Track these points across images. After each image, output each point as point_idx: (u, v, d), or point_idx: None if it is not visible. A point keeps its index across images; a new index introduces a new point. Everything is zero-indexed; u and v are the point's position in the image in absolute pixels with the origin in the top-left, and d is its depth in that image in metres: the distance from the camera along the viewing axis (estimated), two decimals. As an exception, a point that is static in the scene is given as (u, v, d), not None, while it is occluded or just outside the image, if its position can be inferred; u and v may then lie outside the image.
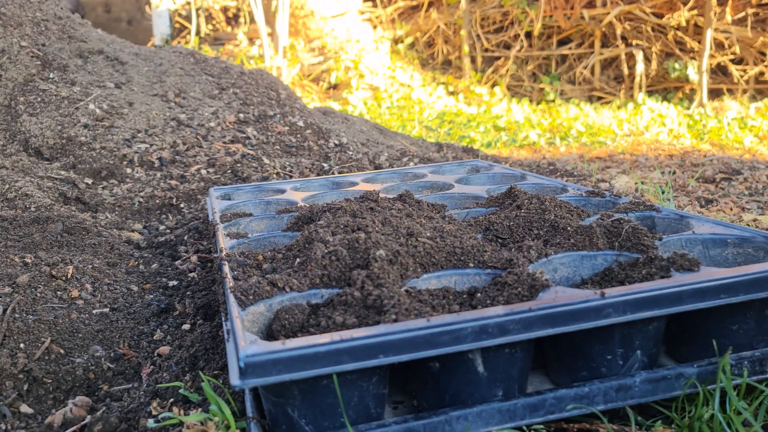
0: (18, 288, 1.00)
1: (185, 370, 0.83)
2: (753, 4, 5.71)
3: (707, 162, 2.74)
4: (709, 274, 0.67)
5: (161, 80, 2.26)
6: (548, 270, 0.78)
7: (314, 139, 2.12)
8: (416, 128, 4.51)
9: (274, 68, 6.22)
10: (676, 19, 5.89)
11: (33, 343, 0.87)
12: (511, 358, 0.62)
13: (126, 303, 1.07)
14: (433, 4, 7.34)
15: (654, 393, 0.65)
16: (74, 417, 0.76)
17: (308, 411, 0.58)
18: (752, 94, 5.86)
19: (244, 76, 2.49)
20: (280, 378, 0.54)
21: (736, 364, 0.67)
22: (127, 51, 2.41)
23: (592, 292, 0.62)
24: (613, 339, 0.65)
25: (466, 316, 0.58)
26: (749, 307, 0.68)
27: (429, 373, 0.62)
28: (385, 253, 0.73)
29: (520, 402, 0.62)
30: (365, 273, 0.70)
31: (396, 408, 0.67)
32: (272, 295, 0.70)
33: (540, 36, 6.75)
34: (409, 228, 0.84)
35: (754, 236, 0.81)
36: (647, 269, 0.72)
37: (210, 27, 7.49)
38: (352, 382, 0.59)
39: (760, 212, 1.76)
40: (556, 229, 0.85)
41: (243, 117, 2.14)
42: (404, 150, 2.39)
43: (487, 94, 6.53)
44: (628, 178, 2.35)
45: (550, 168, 2.48)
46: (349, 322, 0.62)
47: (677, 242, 0.83)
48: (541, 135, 4.11)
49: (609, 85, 6.45)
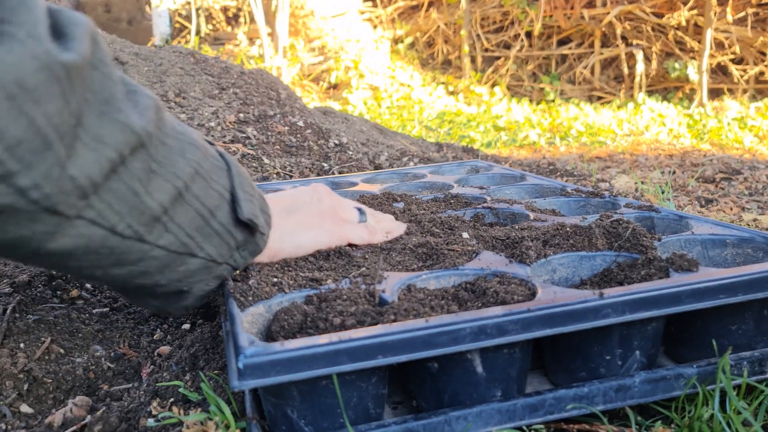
0: (18, 288, 1.00)
1: (185, 370, 0.84)
2: (753, 4, 5.71)
3: (707, 162, 2.74)
4: (708, 274, 0.67)
5: (161, 80, 2.26)
6: (547, 270, 0.78)
7: (314, 138, 2.13)
8: (416, 128, 4.51)
9: (274, 68, 6.22)
10: (676, 19, 5.89)
11: (33, 343, 0.87)
12: (509, 358, 0.62)
13: (126, 302, 1.07)
14: (433, 4, 7.34)
15: (653, 393, 0.65)
16: (74, 417, 0.76)
17: (308, 411, 0.59)
18: (752, 93, 5.86)
19: (244, 76, 2.49)
20: (279, 379, 0.55)
21: (735, 365, 0.68)
22: (127, 51, 2.41)
23: (590, 293, 0.62)
24: (612, 339, 0.65)
25: (465, 317, 0.59)
26: (748, 308, 0.68)
27: (428, 374, 0.62)
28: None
29: (520, 402, 0.62)
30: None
31: (396, 408, 0.67)
32: (271, 296, 0.70)
33: (540, 36, 6.75)
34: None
35: (753, 236, 0.82)
36: (646, 270, 0.73)
37: (210, 27, 7.49)
38: (351, 382, 0.59)
39: (760, 212, 1.76)
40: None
41: (243, 117, 2.14)
42: (404, 150, 2.39)
43: (487, 93, 6.53)
44: (628, 178, 2.35)
45: (550, 168, 2.49)
46: (348, 322, 0.62)
47: (676, 243, 0.83)
48: (541, 135, 4.12)
49: (609, 84, 6.45)
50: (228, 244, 0.69)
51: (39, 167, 0.49)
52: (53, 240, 0.54)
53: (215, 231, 0.67)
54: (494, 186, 1.31)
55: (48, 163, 0.50)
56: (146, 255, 0.62)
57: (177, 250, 0.64)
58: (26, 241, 0.53)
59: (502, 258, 0.79)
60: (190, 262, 0.66)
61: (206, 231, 0.66)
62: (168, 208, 0.61)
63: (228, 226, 0.68)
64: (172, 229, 0.62)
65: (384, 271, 0.77)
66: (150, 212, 0.60)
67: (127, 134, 0.56)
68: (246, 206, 0.69)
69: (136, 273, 0.64)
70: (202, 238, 0.66)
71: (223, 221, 0.68)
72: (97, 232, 0.57)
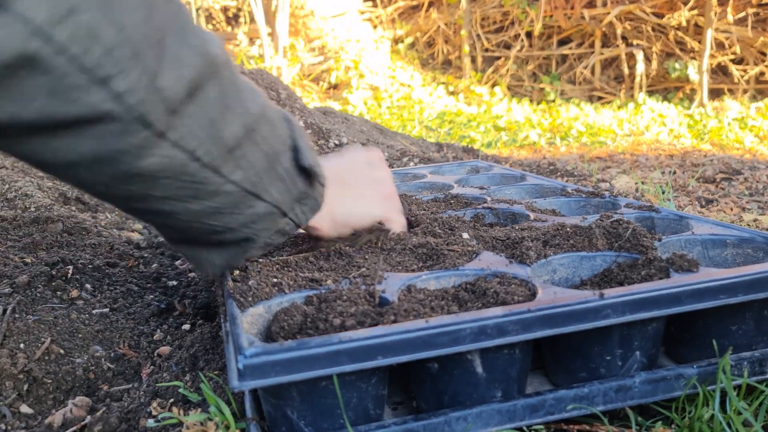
0: (18, 288, 1.00)
1: (185, 370, 0.83)
2: (753, 4, 5.71)
3: (707, 162, 2.74)
4: (708, 274, 0.67)
5: (161, 80, 2.26)
6: (547, 271, 0.78)
7: (314, 138, 2.12)
8: (416, 128, 4.51)
9: (274, 68, 6.22)
10: (677, 19, 5.89)
11: (33, 343, 0.87)
12: (510, 358, 0.62)
13: (126, 303, 1.07)
14: (433, 4, 7.34)
15: (654, 394, 0.65)
16: (74, 417, 0.76)
17: (307, 412, 0.58)
18: (753, 94, 5.86)
19: (244, 75, 2.49)
20: (279, 380, 0.55)
21: (735, 365, 0.67)
22: (127, 51, 2.41)
23: (590, 293, 0.62)
24: (612, 340, 0.65)
25: (465, 317, 0.59)
26: (749, 308, 0.68)
27: (428, 374, 0.62)
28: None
29: (520, 403, 0.62)
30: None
31: (396, 409, 0.67)
32: (271, 297, 0.70)
33: (540, 36, 6.75)
34: None
35: (753, 237, 0.81)
36: (646, 270, 0.72)
37: (210, 27, 7.49)
38: (351, 383, 0.59)
39: (761, 212, 1.76)
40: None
41: (243, 117, 2.14)
42: (404, 150, 2.39)
43: (487, 94, 6.53)
44: (628, 178, 2.35)
45: (550, 168, 2.49)
46: (348, 323, 0.62)
47: (676, 243, 0.83)
48: (541, 135, 4.12)
49: (609, 85, 6.45)
50: (290, 192, 0.71)
51: (133, 72, 0.53)
52: (143, 158, 0.58)
53: (279, 176, 0.69)
54: (494, 186, 1.31)
55: (139, 70, 0.53)
56: (220, 189, 0.64)
57: (247, 188, 0.66)
58: (121, 155, 0.57)
59: (503, 258, 0.79)
60: (257, 205, 0.68)
61: (272, 174, 0.68)
62: (241, 142, 0.64)
63: (291, 172, 0.70)
64: (243, 165, 0.65)
65: (384, 271, 0.77)
66: (224, 143, 0.62)
67: (203, 60, 0.59)
68: (307, 155, 0.72)
69: (210, 210, 0.65)
70: (269, 180, 0.68)
71: (287, 166, 0.70)
72: (179, 156, 0.59)
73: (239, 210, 0.67)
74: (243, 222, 0.69)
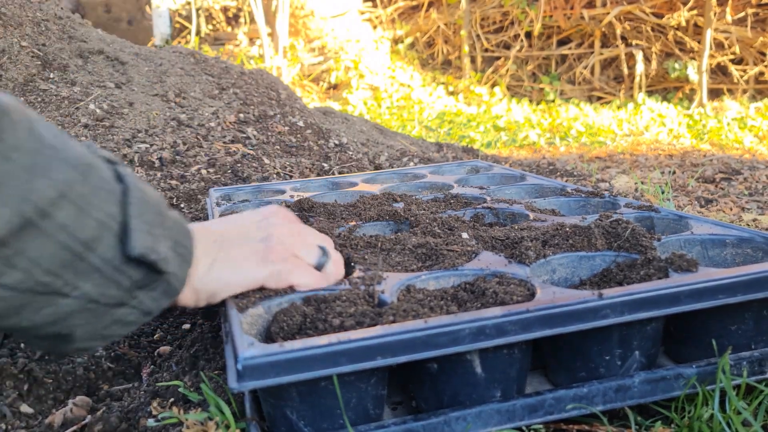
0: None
1: (185, 370, 0.84)
2: (753, 4, 5.71)
3: (707, 162, 2.74)
4: (707, 274, 0.67)
5: (161, 80, 2.26)
6: (546, 271, 0.78)
7: (314, 139, 2.13)
8: (416, 128, 4.51)
9: (274, 68, 6.22)
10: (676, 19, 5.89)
11: (33, 344, 0.87)
12: (509, 358, 0.62)
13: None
14: (433, 4, 7.34)
15: (653, 393, 0.65)
16: (74, 417, 0.76)
17: (307, 413, 0.59)
18: (752, 94, 5.86)
19: (244, 76, 2.49)
20: (278, 380, 0.55)
21: (735, 365, 0.68)
22: (127, 51, 2.42)
23: (590, 293, 0.63)
24: (612, 339, 0.65)
25: (464, 317, 0.59)
26: (748, 308, 0.68)
27: (427, 374, 0.62)
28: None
29: (519, 402, 0.62)
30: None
31: (395, 409, 0.67)
32: (270, 297, 0.70)
33: (540, 36, 6.75)
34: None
35: (752, 236, 0.82)
36: (645, 270, 0.73)
37: (210, 27, 7.48)
38: (350, 383, 0.59)
39: (760, 212, 1.76)
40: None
41: (243, 117, 2.14)
42: (404, 150, 2.39)
43: (487, 94, 6.53)
44: (627, 178, 2.35)
45: (550, 168, 2.49)
46: (347, 323, 0.62)
47: (676, 243, 0.83)
48: (541, 135, 4.12)
49: (609, 85, 6.45)
50: (118, 284, 0.58)
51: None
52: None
53: (95, 267, 0.56)
54: (494, 186, 1.31)
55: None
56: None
57: (32, 289, 0.54)
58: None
59: (502, 258, 0.79)
60: (61, 303, 0.56)
61: (80, 267, 0.56)
62: (8, 239, 0.51)
63: (115, 262, 0.57)
64: (19, 264, 0.52)
65: (383, 271, 0.77)
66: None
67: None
68: (140, 239, 0.58)
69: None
70: (74, 275, 0.56)
71: (107, 256, 0.57)
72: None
73: (30, 311, 0.56)
74: (43, 322, 0.57)
